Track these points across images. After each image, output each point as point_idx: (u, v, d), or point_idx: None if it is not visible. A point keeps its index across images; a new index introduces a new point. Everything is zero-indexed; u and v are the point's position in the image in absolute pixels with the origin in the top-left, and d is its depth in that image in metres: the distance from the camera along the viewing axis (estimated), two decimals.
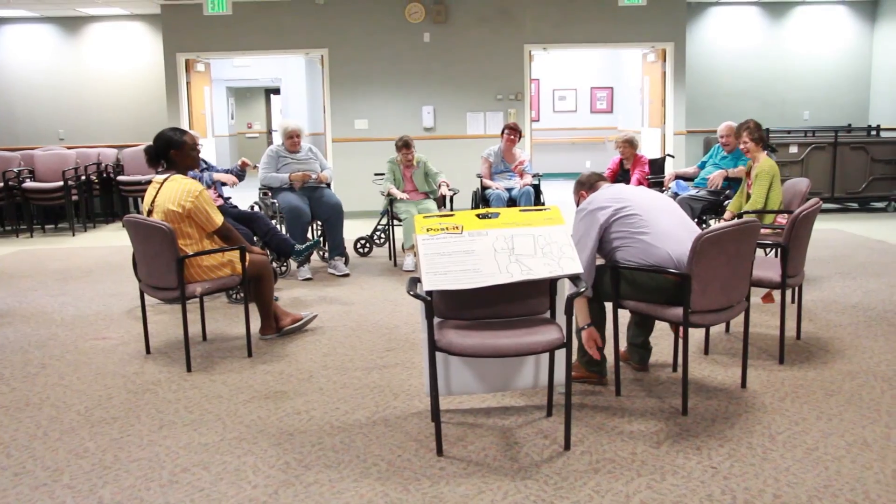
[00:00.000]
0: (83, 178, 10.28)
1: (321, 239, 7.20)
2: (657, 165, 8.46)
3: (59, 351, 4.75)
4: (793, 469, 2.95)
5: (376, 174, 7.74)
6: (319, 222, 7.14)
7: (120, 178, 10.71)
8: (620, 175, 7.60)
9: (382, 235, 7.90)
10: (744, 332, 3.81)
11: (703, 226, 6.60)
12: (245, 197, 8.92)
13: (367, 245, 7.76)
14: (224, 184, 6.39)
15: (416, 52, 10.55)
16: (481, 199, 7.61)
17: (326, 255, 7.10)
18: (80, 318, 5.56)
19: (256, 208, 6.78)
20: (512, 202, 7.37)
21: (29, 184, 10.08)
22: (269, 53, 11.01)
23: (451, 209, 7.49)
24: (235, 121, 17.61)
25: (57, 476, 3.04)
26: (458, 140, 10.38)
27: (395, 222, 7.35)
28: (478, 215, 3.40)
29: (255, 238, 6.03)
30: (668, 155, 9.80)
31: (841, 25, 11.70)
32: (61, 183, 9.91)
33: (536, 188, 7.58)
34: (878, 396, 3.69)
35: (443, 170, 7.88)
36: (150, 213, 4.49)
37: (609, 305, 3.75)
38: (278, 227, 6.47)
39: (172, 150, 4.54)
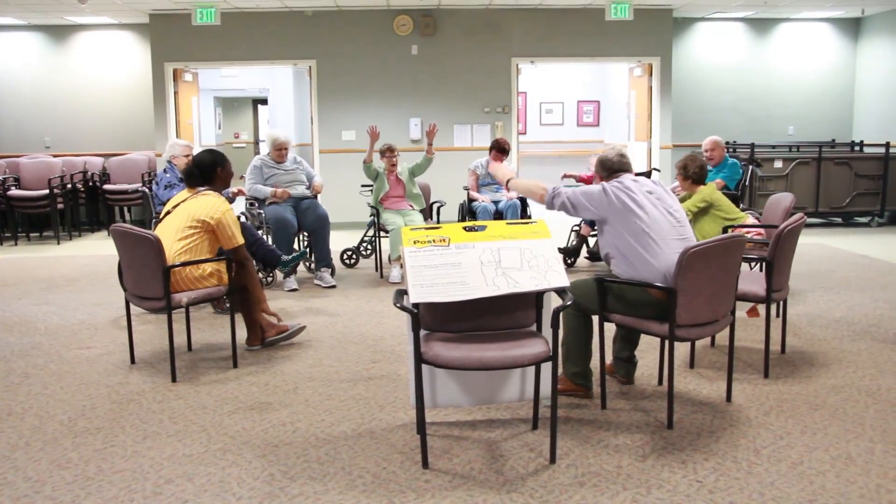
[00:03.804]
0: (69, 186, 10.25)
1: (307, 250, 7.18)
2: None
3: (42, 360, 4.71)
4: (777, 483, 2.96)
5: (363, 185, 7.74)
6: (306, 233, 7.13)
7: (106, 186, 10.67)
8: None
9: (369, 247, 7.90)
10: (729, 345, 3.83)
11: None
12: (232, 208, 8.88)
13: (354, 256, 7.75)
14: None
15: (404, 65, 10.59)
16: (468, 212, 7.62)
17: (313, 266, 7.08)
18: (65, 327, 5.52)
19: (243, 219, 6.76)
20: (499, 215, 7.38)
21: (14, 192, 10.03)
22: (257, 64, 11.01)
23: (438, 221, 7.50)
24: (223, 130, 17.57)
25: (39, 487, 3.01)
26: (445, 152, 10.40)
27: (382, 234, 7.35)
28: (465, 228, 3.41)
29: None
30: (654, 169, 9.85)
31: (825, 42, 11.82)
32: (47, 191, 9.87)
33: (523, 201, 7.60)
34: (863, 411, 3.71)
35: (429, 182, 7.90)
36: (168, 212, 4.64)
37: (595, 319, 3.77)
38: (265, 237, 6.45)
39: (219, 168, 4.81)
